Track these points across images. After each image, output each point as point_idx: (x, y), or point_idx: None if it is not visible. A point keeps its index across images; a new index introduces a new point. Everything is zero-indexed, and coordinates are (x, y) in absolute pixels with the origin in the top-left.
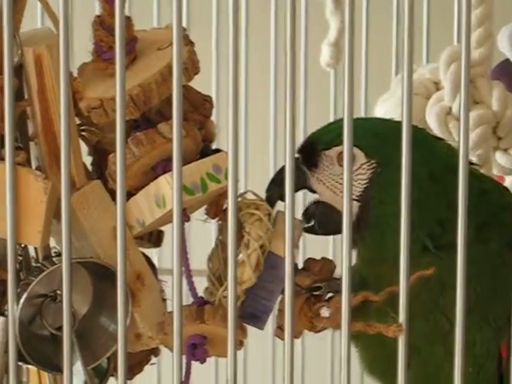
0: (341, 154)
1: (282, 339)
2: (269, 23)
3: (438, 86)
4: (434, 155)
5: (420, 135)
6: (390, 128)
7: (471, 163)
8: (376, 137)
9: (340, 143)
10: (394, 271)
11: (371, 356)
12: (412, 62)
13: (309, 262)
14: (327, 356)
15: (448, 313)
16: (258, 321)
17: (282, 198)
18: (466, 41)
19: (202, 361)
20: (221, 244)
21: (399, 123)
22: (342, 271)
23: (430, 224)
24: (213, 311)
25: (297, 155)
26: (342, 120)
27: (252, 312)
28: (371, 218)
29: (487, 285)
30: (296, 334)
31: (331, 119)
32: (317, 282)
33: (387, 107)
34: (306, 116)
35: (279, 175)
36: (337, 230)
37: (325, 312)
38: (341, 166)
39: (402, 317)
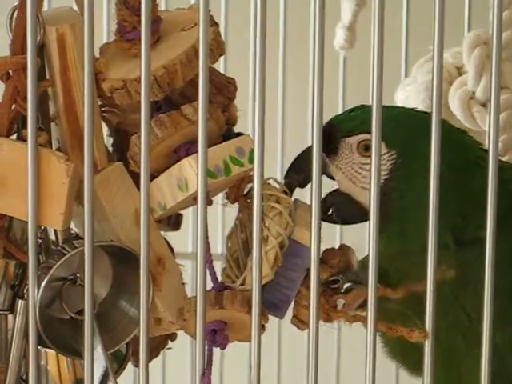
0: (361, 142)
1: (300, 328)
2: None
3: (460, 70)
4: (457, 147)
5: (445, 127)
6: (412, 118)
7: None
8: (398, 127)
9: (361, 131)
10: (414, 266)
11: (392, 342)
12: (443, 47)
13: (327, 253)
14: (333, 347)
15: (468, 308)
16: (278, 309)
17: (301, 186)
18: (498, 24)
19: (223, 347)
20: (240, 224)
21: (422, 113)
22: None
23: (452, 218)
24: (231, 296)
25: None
26: (363, 107)
27: (272, 301)
28: (392, 209)
29: (508, 279)
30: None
31: (340, 103)
32: (334, 275)
33: (409, 92)
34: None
35: (297, 162)
36: (355, 220)
37: (341, 304)
38: (361, 154)
39: (427, 322)
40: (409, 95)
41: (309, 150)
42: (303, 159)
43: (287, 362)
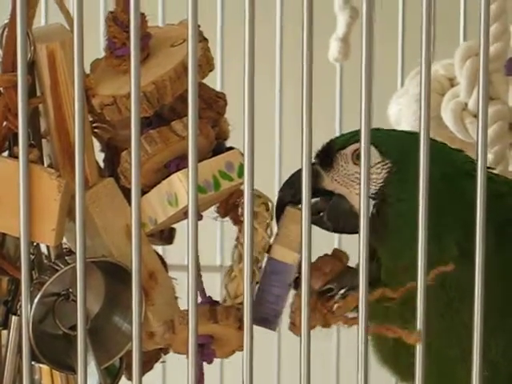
0: (356, 151)
1: (296, 334)
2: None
3: (452, 82)
4: (449, 160)
5: (436, 142)
6: (404, 132)
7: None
8: (391, 138)
9: (355, 141)
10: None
11: (384, 347)
12: (430, 58)
13: (319, 260)
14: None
15: (465, 318)
16: (270, 323)
17: (294, 200)
18: (485, 36)
19: (210, 361)
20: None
21: (413, 133)
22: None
23: (455, 230)
24: (226, 312)
25: (314, 160)
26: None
27: (262, 316)
28: (388, 216)
29: (505, 290)
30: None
31: (337, 116)
32: (328, 283)
33: (401, 105)
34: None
35: (293, 177)
36: (346, 226)
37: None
38: (355, 164)
39: (419, 324)
40: (401, 108)
41: None
42: (298, 175)
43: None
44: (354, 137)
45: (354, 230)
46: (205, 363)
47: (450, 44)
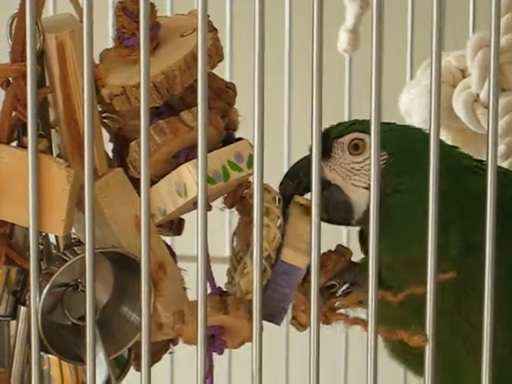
0: (353, 140)
1: (299, 330)
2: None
3: (464, 73)
4: (450, 154)
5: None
6: (402, 125)
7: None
8: (388, 130)
9: (352, 131)
10: (414, 267)
11: (393, 342)
12: (441, 50)
13: (323, 257)
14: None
15: (470, 315)
16: (275, 319)
17: (296, 191)
18: (496, 27)
19: (220, 352)
20: (242, 225)
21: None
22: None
23: (461, 221)
24: (237, 303)
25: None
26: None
27: (269, 313)
28: (387, 207)
29: (509, 284)
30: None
31: (346, 105)
32: (331, 279)
33: (413, 95)
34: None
35: (292, 169)
36: (341, 217)
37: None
38: (351, 154)
39: (428, 327)
40: (413, 98)
41: (304, 159)
42: (298, 166)
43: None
44: (351, 126)
45: (348, 222)
46: (215, 354)
47: (460, 35)
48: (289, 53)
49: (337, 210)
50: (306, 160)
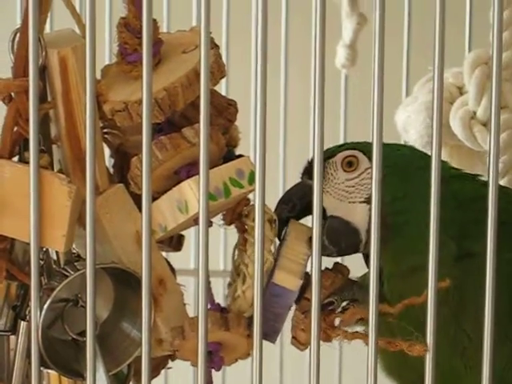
0: (345, 158)
1: (299, 349)
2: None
3: (461, 90)
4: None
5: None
6: (393, 143)
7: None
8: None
9: (344, 149)
10: (413, 276)
11: (389, 358)
12: (443, 67)
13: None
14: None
15: (467, 328)
16: (269, 337)
17: (291, 214)
18: (498, 44)
19: (218, 368)
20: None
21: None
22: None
23: (454, 230)
24: (237, 320)
25: (303, 174)
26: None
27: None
28: (385, 216)
29: (506, 297)
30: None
31: (341, 123)
32: (329, 296)
33: (409, 112)
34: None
35: (287, 194)
36: (349, 245)
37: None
38: (345, 171)
39: (428, 336)
40: (409, 115)
41: (297, 184)
42: (291, 192)
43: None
44: (341, 146)
45: (357, 247)
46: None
47: (455, 53)
48: (285, 68)
49: (343, 239)
50: (300, 185)
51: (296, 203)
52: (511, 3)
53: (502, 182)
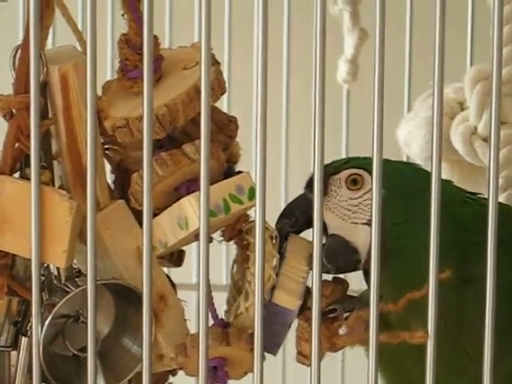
0: (349, 176)
1: (305, 364)
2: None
3: (462, 105)
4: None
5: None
6: (396, 161)
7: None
8: (384, 165)
9: (348, 167)
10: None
11: (391, 374)
12: (443, 82)
13: None
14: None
15: (467, 346)
16: (270, 350)
17: (293, 229)
18: (498, 60)
19: (224, 383)
20: (240, 257)
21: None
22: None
23: (453, 253)
24: (238, 334)
25: (305, 188)
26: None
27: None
28: (387, 240)
29: (504, 314)
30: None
31: (343, 137)
32: (330, 305)
33: (411, 127)
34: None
35: (288, 207)
36: (347, 264)
37: (343, 331)
38: (349, 189)
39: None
40: (411, 130)
41: (300, 197)
42: (294, 205)
43: None
44: (346, 163)
45: (355, 266)
46: None
47: (456, 68)
48: (286, 87)
49: (342, 259)
50: (302, 198)
51: (299, 218)
52: (511, 20)
53: (501, 198)
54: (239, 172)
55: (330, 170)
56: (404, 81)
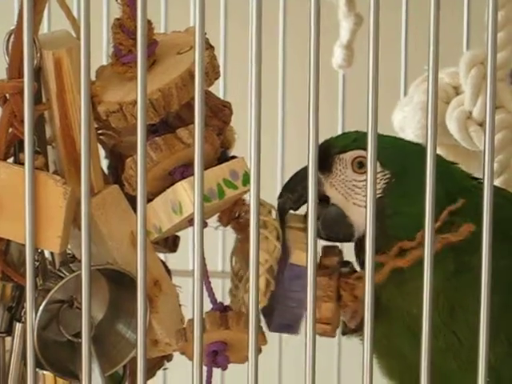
0: (356, 158)
1: (326, 334)
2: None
3: (457, 90)
4: (450, 177)
5: (438, 157)
6: (405, 143)
7: (475, 178)
8: (392, 148)
9: (355, 148)
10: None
11: (390, 363)
12: (438, 67)
13: (326, 248)
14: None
15: (458, 331)
16: (292, 329)
17: (295, 205)
18: (492, 44)
19: (224, 367)
20: (239, 243)
21: (417, 144)
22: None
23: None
24: (236, 317)
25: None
26: (358, 131)
27: (285, 323)
28: (387, 228)
29: (498, 301)
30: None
31: (339, 122)
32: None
33: (406, 112)
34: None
35: (291, 182)
36: (340, 236)
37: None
38: (355, 171)
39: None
40: (406, 115)
41: (303, 170)
42: (297, 179)
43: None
44: (354, 142)
45: (348, 239)
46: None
47: (452, 53)
48: (283, 67)
49: (336, 229)
50: (305, 172)
51: (301, 194)
52: (506, 3)
53: (497, 182)
54: (234, 157)
55: (337, 149)
56: (400, 66)
